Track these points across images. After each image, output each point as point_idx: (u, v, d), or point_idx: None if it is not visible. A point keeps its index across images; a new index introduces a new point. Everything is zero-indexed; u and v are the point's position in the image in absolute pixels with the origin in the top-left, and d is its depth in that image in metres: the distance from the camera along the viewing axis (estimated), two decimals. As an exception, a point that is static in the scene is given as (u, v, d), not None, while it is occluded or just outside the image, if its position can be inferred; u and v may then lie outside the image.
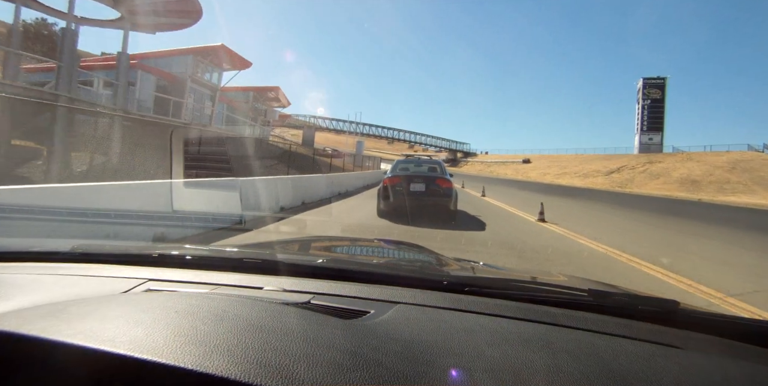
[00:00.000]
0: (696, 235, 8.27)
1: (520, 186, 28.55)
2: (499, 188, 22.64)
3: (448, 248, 4.73)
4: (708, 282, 4.01)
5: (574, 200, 17.25)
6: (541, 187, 29.44)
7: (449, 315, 0.81)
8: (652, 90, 56.44)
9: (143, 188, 4.73)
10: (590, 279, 1.56)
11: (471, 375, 0.55)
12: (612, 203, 16.90)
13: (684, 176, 38.04)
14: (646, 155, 48.83)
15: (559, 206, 12.74)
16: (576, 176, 47.29)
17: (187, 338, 0.55)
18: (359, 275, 1.04)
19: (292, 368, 0.50)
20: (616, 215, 12.01)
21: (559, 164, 55.91)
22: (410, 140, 75.91)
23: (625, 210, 13.90)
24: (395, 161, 9.28)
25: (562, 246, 5.75)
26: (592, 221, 9.55)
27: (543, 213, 8.26)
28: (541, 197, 14.58)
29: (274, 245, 1.67)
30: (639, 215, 12.14)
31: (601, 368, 0.61)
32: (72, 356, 0.52)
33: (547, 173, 52.80)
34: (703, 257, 5.54)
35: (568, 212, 11.37)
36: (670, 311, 0.88)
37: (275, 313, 0.67)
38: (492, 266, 1.72)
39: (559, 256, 5.05)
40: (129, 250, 1.33)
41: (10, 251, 1.26)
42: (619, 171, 44.59)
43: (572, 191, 26.29)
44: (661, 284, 3.94)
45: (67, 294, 0.86)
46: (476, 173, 56.89)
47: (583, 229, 7.40)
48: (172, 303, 0.68)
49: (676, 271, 4.39)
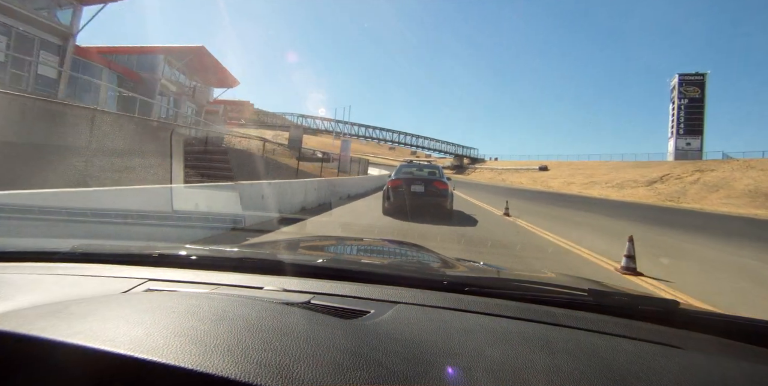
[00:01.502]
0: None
1: (552, 200, 21.80)
2: (527, 205, 15.31)
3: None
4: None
5: (690, 235, 9.69)
6: (592, 203, 22.81)
7: (449, 315, 0.81)
8: (690, 88, 49.26)
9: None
10: (590, 279, 1.55)
11: (471, 375, 0.56)
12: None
13: (751, 187, 30.22)
14: (692, 163, 40.91)
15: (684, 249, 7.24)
16: (608, 186, 39.56)
17: (187, 338, 0.55)
18: (359, 275, 1.04)
19: (292, 368, 0.50)
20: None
21: (583, 171, 48.42)
22: (412, 144, 70.10)
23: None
24: (398, 166, 10.30)
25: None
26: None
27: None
28: (613, 223, 10.25)
29: (275, 245, 1.76)
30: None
31: (600, 368, 0.61)
32: (72, 356, 0.52)
33: (571, 182, 45.20)
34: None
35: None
36: (669, 311, 0.89)
37: (275, 313, 0.67)
38: (492, 266, 1.72)
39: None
40: (129, 250, 1.32)
41: (10, 251, 1.26)
42: (663, 181, 36.83)
43: (649, 211, 18.76)
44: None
45: (67, 294, 0.86)
46: (487, 182, 50.54)
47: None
48: (172, 303, 0.68)
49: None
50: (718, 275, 5.30)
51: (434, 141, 71.30)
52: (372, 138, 67.27)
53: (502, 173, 59.88)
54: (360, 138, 66.54)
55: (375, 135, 66.99)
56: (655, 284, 4.34)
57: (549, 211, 13.67)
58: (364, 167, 27.41)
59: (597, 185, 40.86)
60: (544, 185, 47.30)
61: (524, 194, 25.42)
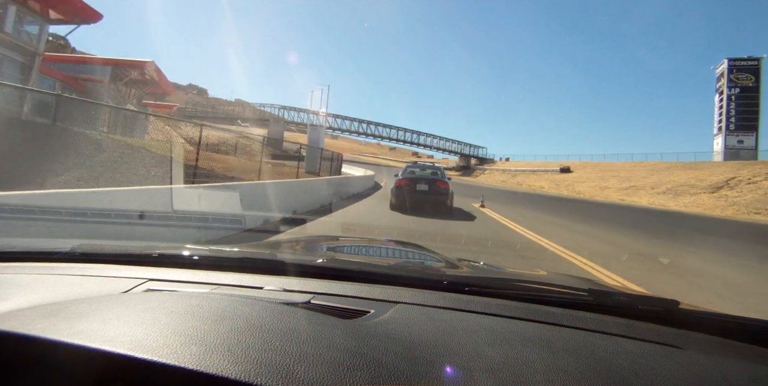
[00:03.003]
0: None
1: (624, 217, 14.39)
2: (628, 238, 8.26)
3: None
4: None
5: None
6: (687, 220, 15.60)
7: (449, 315, 0.81)
8: (741, 75, 41.42)
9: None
10: (590, 279, 1.56)
11: (471, 375, 0.56)
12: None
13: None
14: (764, 163, 31.93)
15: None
16: (656, 192, 30.99)
17: (187, 338, 0.55)
18: (359, 275, 1.04)
19: (292, 368, 0.50)
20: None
21: (616, 174, 39.82)
22: (413, 141, 61.96)
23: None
24: (404, 166, 11.23)
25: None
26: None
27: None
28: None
29: (275, 245, 1.75)
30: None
31: (601, 368, 0.61)
32: (72, 356, 0.52)
33: (605, 186, 36.78)
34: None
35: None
36: (670, 310, 0.89)
37: (275, 313, 0.67)
38: (492, 266, 1.72)
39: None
40: (129, 250, 1.32)
41: (10, 251, 1.25)
42: (731, 187, 27.89)
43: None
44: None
45: (67, 294, 0.86)
46: (500, 186, 42.61)
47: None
48: (172, 303, 0.68)
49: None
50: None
51: (438, 138, 62.98)
52: (367, 134, 59.01)
53: (517, 175, 52.20)
54: (352, 135, 59.52)
55: (371, 131, 58.53)
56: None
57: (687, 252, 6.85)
58: (338, 166, 20.58)
59: (641, 191, 32.55)
60: (570, 190, 38.64)
61: (566, 206, 18.29)
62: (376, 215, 8.70)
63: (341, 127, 56.96)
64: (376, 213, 9.11)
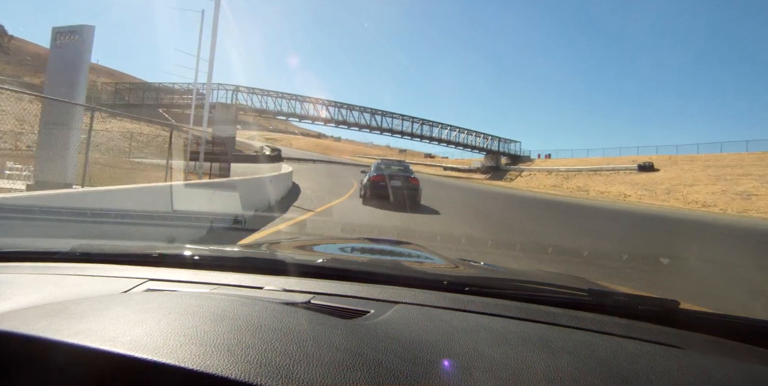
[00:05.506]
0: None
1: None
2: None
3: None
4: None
5: None
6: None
7: (449, 315, 0.82)
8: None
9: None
10: (590, 279, 1.55)
11: (471, 375, 0.56)
12: None
13: None
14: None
15: None
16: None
17: (187, 338, 0.55)
18: (359, 275, 1.05)
19: (292, 368, 0.50)
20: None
21: (738, 171, 27.21)
22: (425, 134, 48.36)
23: None
24: (374, 163, 11.81)
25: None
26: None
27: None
28: None
29: (275, 245, 1.70)
30: None
31: (601, 368, 0.61)
32: (72, 356, 0.52)
33: (748, 192, 23.47)
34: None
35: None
36: (670, 311, 0.89)
37: (275, 313, 0.67)
38: (492, 266, 1.72)
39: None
40: (129, 250, 1.33)
41: (10, 251, 1.26)
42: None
43: None
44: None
45: (67, 294, 0.86)
46: (555, 193, 31.19)
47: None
48: (172, 303, 0.69)
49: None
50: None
51: (458, 130, 48.57)
52: (371, 128, 46.82)
53: (572, 177, 38.40)
54: (352, 128, 47.41)
55: (376, 123, 46.38)
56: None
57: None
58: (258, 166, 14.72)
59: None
60: (677, 198, 25.64)
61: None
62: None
63: (343, 118, 45.62)
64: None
